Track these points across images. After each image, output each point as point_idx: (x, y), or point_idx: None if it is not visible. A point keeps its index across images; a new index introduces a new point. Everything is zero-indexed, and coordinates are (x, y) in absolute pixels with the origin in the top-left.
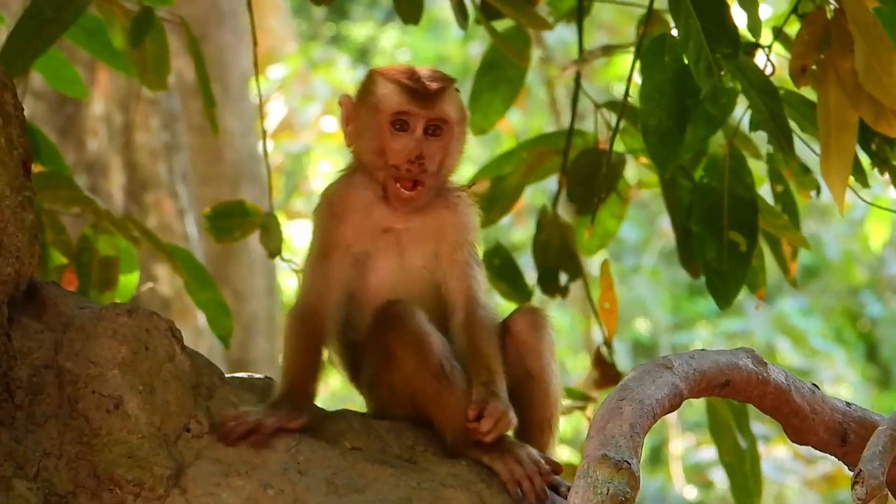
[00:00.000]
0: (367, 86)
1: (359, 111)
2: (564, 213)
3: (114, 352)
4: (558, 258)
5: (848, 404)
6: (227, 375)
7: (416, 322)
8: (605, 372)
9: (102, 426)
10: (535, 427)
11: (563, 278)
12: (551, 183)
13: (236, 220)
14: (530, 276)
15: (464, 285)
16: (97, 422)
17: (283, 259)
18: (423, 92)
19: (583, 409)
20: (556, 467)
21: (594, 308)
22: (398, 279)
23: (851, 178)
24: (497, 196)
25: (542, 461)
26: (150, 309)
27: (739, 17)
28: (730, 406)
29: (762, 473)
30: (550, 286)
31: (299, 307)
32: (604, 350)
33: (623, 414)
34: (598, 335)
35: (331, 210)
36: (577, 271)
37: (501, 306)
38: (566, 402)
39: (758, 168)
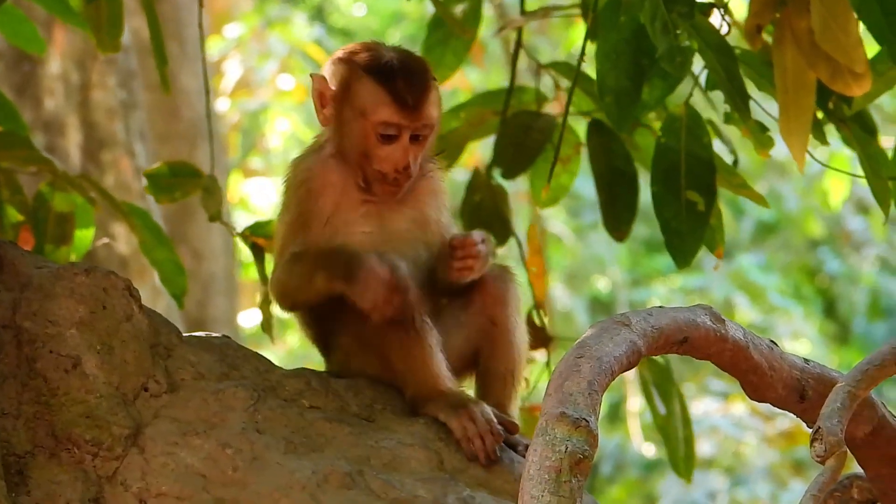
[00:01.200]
0: (350, 81)
1: (340, 105)
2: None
3: (72, 311)
4: (489, 221)
5: (806, 361)
6: (184, 335)
7: (396, 273)
8: (536, 335)
9: (60, 386)
10: (497, 378)
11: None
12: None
13: (178, 181)
14: None
15: (444, 245)
16: (55, 381)
17: (221, 222)
18: (412, 102)
19: None
20: (512, 426)
21: (526, 271)
22: (382, 241)
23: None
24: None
25: (496, 421)
26: (107, 268)
27: None
28: (650, 370)
29: (694, 436)
30: None
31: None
32: (534, 313)
33: (581, 371)
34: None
35: (307, 187)
36: (506, 235)
37: None
38: None
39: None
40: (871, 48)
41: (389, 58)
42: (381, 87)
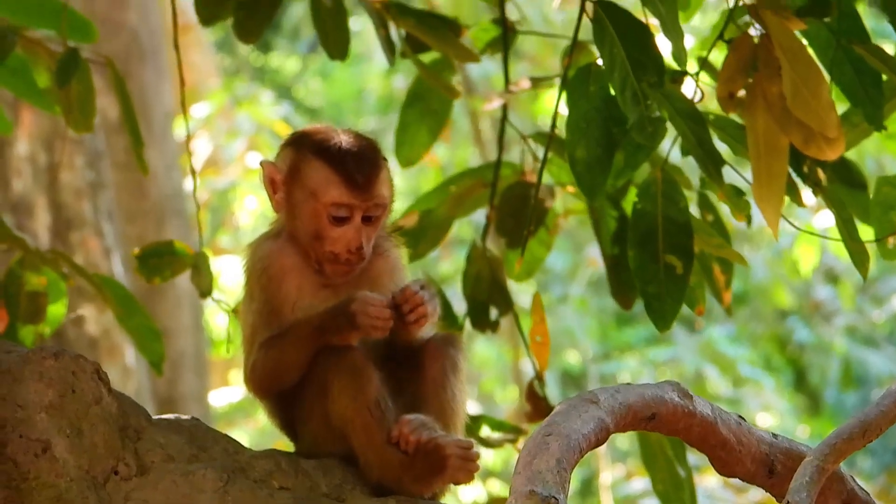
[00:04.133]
0: (299, 165)
1: (291, 189)
2: (493, 245)
3: (41, 395)
4: (489, 292)
5: (774, 435)
6: (154, 417)
7: (354, 355)
8: (538, 405)
9: (31, 470)
10: None
11: (493, 313)
12: (478, 215)
13: (166, 260)
14: (457, 307)
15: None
16: (25, 465)
17: (213, 299)
18: (362, 182)
19: (513, 441)
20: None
21: (525, 341)
22: None
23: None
24: (425, 230)
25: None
26: (76, 352)
27: (664, 45)
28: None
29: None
30: (481, 321)
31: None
32: (536, 384)
33: (549, 449)
34: (526, 366)
35: (268, 274)
36: (507, 306)
37: None
38: (496, 434)
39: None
40: (845, 102)
41: (338, 139)
42: (331, 169)
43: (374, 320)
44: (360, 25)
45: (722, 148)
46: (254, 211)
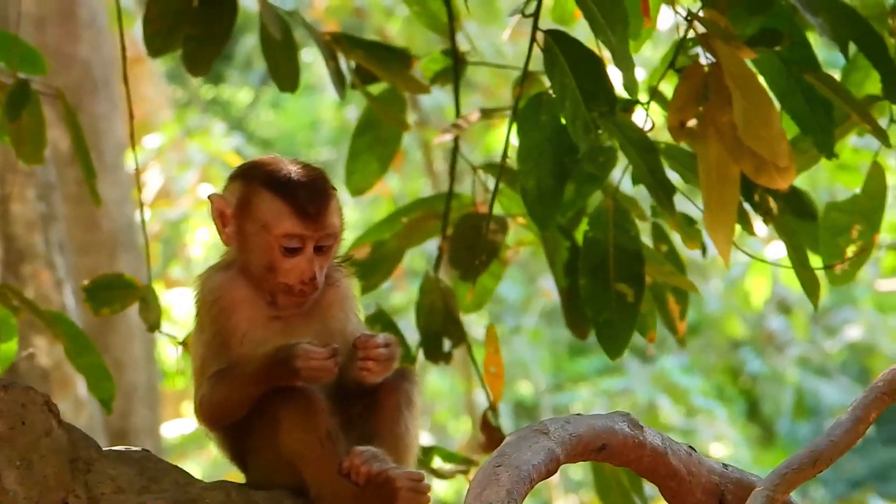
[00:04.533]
0: (249, 197)
1: (241, 222)
2: (445, 276)
3: None
4: (442, 323)
5: (725, 466)
6: (104, 448)
7: (305, 387)
8: (492, 436)
9: None
10: None
11: (446, 344)
12: (430, 246)
13: (116, 293)
14: (409, 338)
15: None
16: None
17: (160, 332)
18: (313, 213)
19: (465, 472)
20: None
21: (479, 372)
22: None
23: (738, 228)
24: (377, 262)
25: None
26: (25, 384)
27: (615, 75)
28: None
29: None
30: (434, 352)
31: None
32: (490, 415)
33: (500, 480)
34: (479, 397)
35: (219, 305)
36: (460, 337)
37: None
38: (448, 466)
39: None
40: (794, 129)
41: (287, 170)
42: (282, 200)
43: (318, 372)
44: (312, 57)
45: (673, 177)
46: (206, 242)
